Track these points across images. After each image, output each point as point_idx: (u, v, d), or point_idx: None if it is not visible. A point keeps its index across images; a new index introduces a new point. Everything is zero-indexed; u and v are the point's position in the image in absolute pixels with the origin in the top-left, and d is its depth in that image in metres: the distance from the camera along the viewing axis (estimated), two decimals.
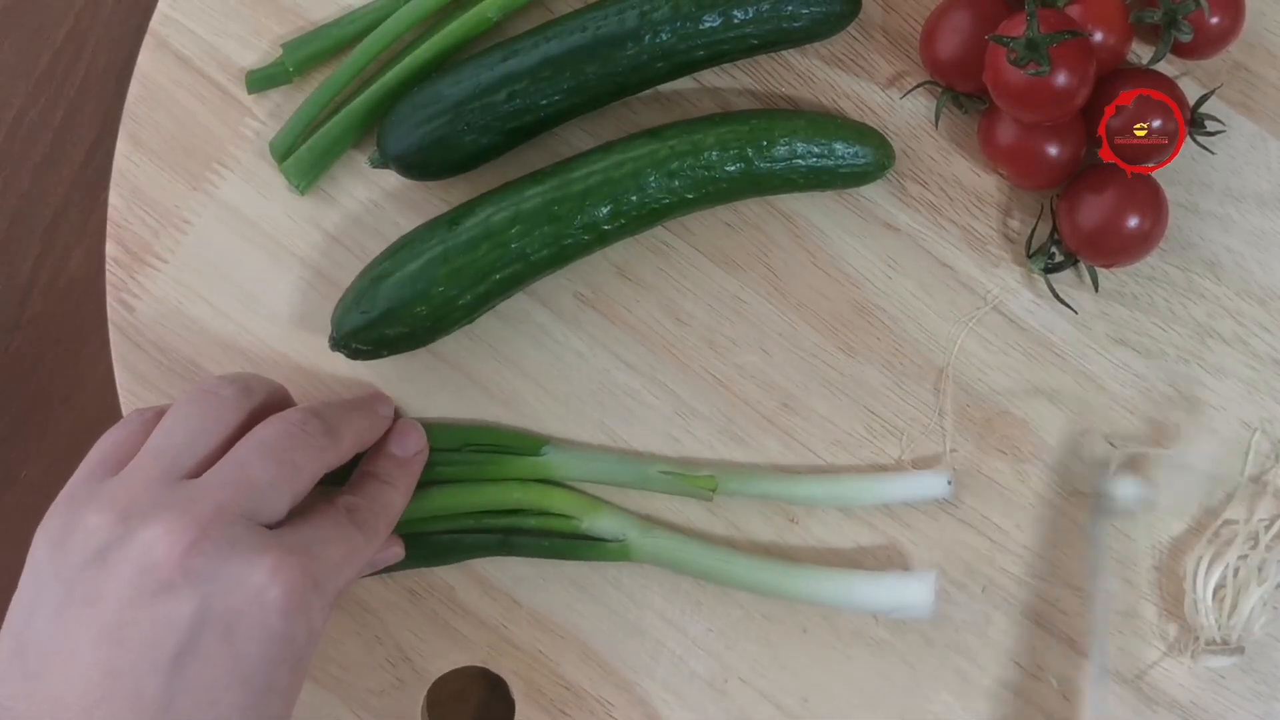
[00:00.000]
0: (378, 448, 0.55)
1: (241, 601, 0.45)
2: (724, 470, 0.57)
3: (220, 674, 0.44)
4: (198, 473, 0.48)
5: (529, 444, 0.57)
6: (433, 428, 0.57)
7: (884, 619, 0.57)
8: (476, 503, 0.56)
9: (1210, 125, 0.55)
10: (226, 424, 0.49)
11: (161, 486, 0.47)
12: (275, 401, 0.53)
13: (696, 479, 0.57)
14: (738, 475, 0.57)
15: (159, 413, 0.50)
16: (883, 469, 0.57)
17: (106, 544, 0.45)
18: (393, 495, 0.53)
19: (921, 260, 0.57)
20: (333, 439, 0.51)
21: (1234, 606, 0.54)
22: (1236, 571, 0.55)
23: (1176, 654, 0.56)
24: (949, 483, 0.56)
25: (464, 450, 0.57)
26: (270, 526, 0.47)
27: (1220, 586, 0.55)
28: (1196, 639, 0.55)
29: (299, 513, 0.49)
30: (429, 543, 0.57)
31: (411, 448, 0.56)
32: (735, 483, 0.57)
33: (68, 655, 0.44)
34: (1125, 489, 0.56)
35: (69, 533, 0.46)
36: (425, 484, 0.56)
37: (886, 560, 0.57)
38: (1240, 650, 0.55)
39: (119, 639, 0.43)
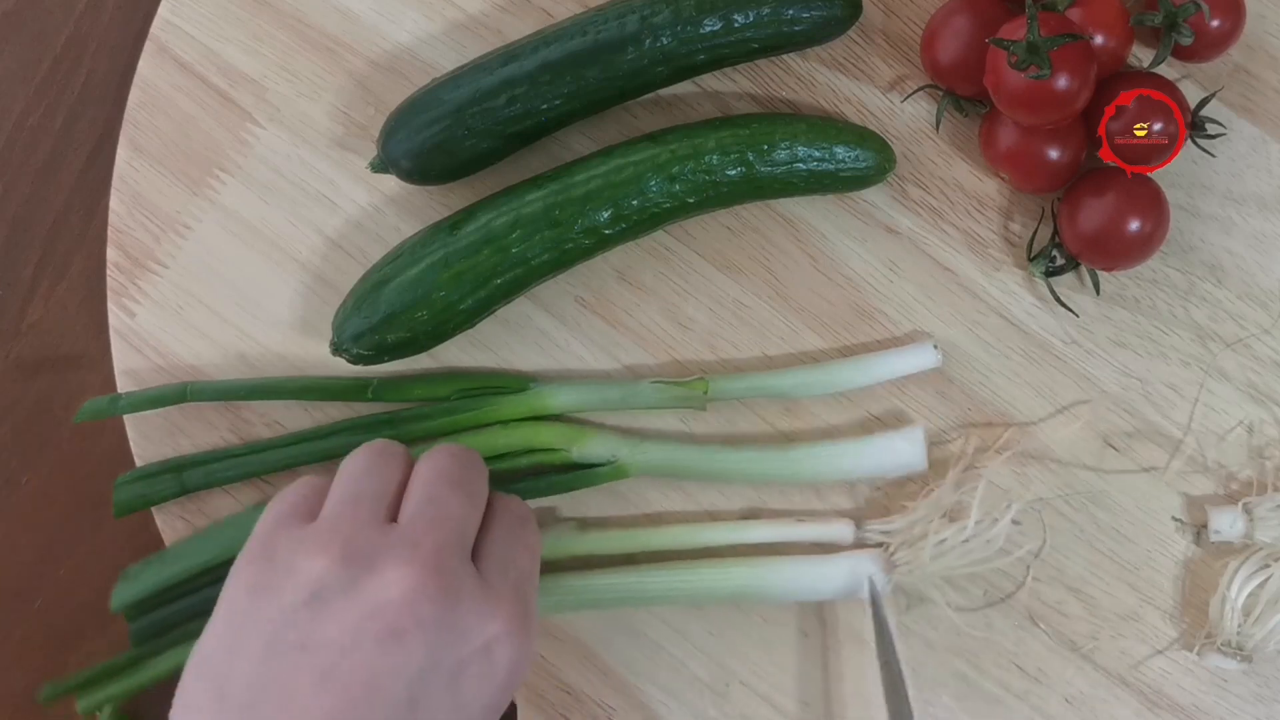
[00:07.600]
0: None
1: (469, 653, 0.44)
2: (715, 374, 0.57)
3: None
4: (391, 518, 0.47)
5: (515, 382, 0.57)
6: (419, 379, 0.57)
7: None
8: None
9: (1211, 128, 0.55)
10: (401, 474, 0.48)
11: (374, 531, 0.45)
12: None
13: (688, 383, 0.56)
14: (729, 377, 0.57)
15: (327, 481, 0.49)
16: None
17: (326, 586, 0.44)
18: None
19: (922, 264, 0.57)
20: (477, 462, 0.50)
21: (1259, 618, 0.54)
22: (1264, 583, 0.54)
23: (1182, 648, 0.56)
24: (935, 347, 0.56)
25: (453, 398, 0.57)
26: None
27: (1253, 594, 0.55)
28: (1210, 636, 0.55)
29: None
30: None
31: None
32: (726, 384, 0.56)
33: (283, 698, 0.42)
34: (1227, 520, 0.55)
35: (276, 576, 0.44)
36: (417, 439, 0.56)
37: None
38: (1249, 659, 0.55)
39: (345, 685, 0.42)
